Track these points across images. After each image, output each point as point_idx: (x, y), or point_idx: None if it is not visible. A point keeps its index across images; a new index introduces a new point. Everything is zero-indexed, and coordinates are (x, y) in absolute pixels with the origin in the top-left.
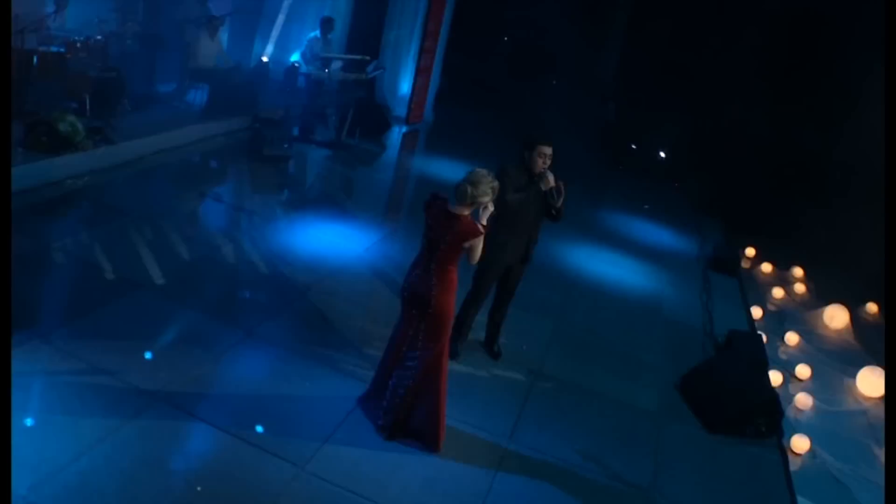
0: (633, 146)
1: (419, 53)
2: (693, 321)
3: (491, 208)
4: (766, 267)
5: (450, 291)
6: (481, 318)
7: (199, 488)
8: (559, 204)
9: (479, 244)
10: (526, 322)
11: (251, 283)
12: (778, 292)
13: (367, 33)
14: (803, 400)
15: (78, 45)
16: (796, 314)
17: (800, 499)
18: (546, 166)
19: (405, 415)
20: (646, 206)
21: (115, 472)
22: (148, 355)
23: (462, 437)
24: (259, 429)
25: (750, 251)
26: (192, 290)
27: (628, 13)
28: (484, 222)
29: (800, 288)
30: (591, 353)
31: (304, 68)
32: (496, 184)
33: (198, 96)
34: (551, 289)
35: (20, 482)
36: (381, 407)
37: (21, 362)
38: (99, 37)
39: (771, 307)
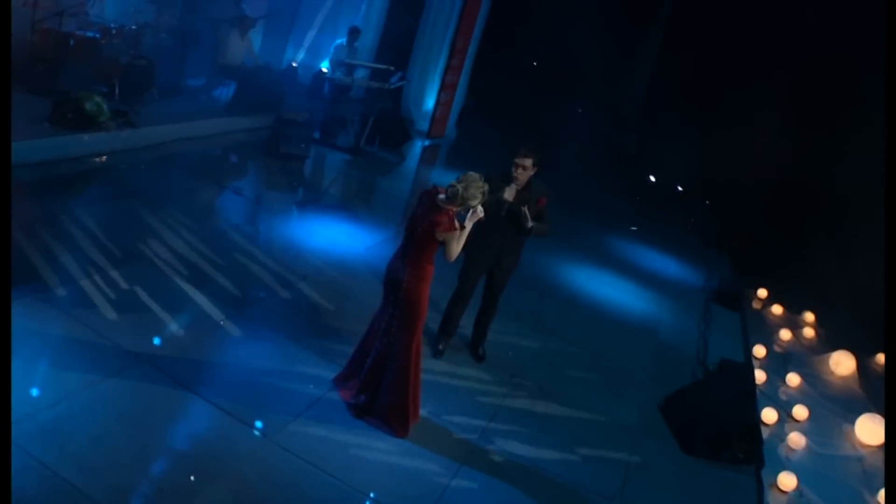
0: (652, 178)
1: (445, 69)
2: (687, 348)
3: (480, 214)
4: (777, 309)
5: (423, 280)
6: (469, 320)
7: (165, 446)
8: (528, 225)
9: (452, 240)
10: (516, 332)
11: (249, 266)
12: (785, 334)
13: (397, 46)
14: (796, 439)
15: (113, 31)
16: (802, 357)
17: None
18: (522, 177)
19: (374, 396)
20: (661, 238)
21: (89, 421)
22: (139, 321)
23: (432, 429)
24: (234, 398)
25: (762, 292)
26: (191, 268)
27: (658, 45)
28: (467, 225)
29: (809, 332)
30: (577, 367)
31: (329, 74)
32: (486, 187)
33: (225, 92)
34: (546, 303)
35: None
36: (356, 387)
37: (18, 315)
38: (133, 26)
39: (777, 348)
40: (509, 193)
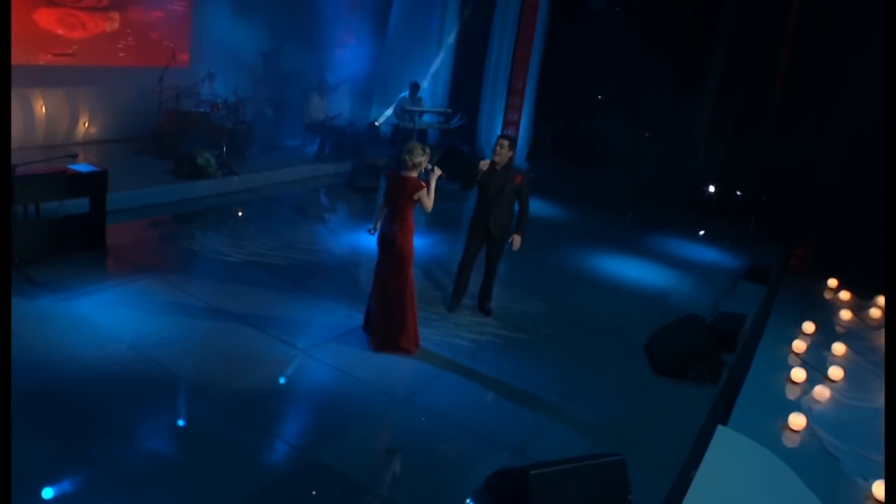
0: (711, 188)
1: (505, 108)
2: (693, 310)
3: (438, 172)
4: (845, 294)
5: (408, 233)
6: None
7: (228, 353)
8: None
9: (424, 195)
10: (529, 301)
11: (310, 256)
12: (846, 314)
13: (466, 91)
14: (820, 391)
15: (220, 105)
16: (861, 333)
17: (720, 427)
18: (500, 155)
19: (386, 332)
20: (716, 237)
21: (181, 343)
22: (223, 290)
23: (429, 349)
24: (286, 331)
25: (832, 282)
26: (270, 260)
27: (722, 63)
28: (431, 181)
29: (876, 313)
30: (575, 322)
31: (394, 120)
32: (428, 149)
33: (314, 146)
34: (568, 284)
35: (126, 335)
36: (370, 331)
37: (143, 287)
38: (234, 99)
39: (839, 328)
40: (483, 164)
